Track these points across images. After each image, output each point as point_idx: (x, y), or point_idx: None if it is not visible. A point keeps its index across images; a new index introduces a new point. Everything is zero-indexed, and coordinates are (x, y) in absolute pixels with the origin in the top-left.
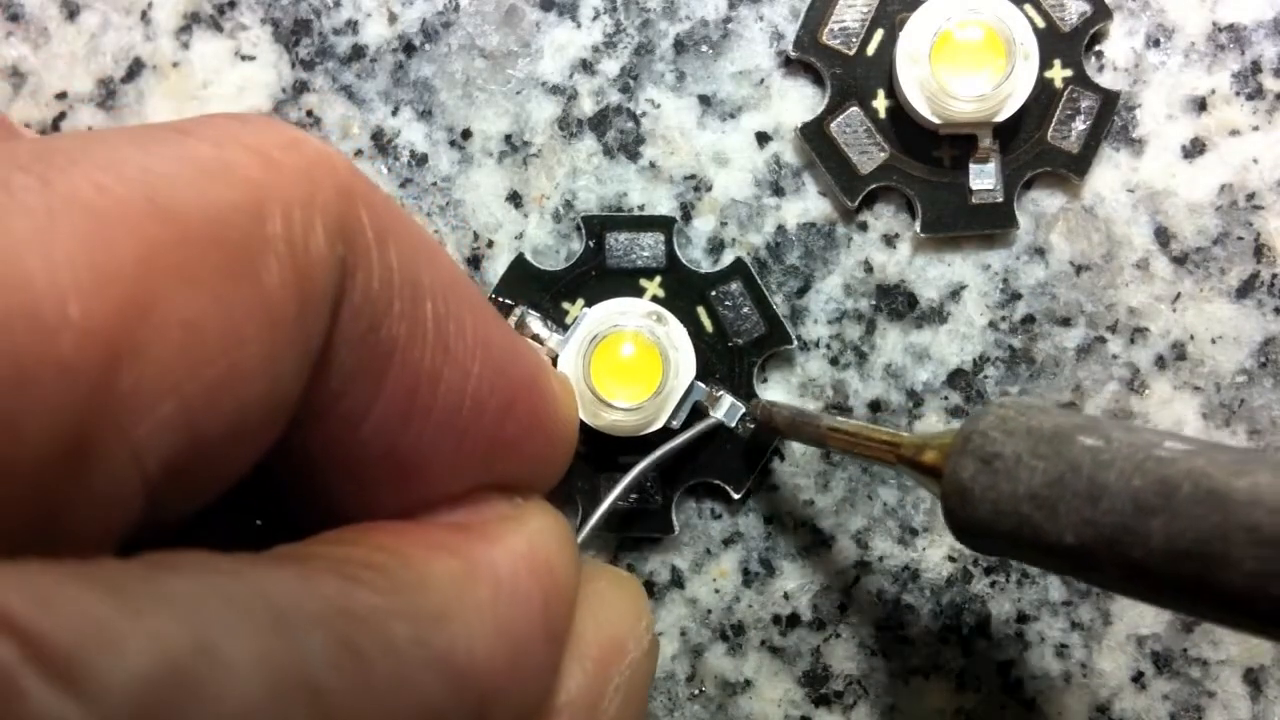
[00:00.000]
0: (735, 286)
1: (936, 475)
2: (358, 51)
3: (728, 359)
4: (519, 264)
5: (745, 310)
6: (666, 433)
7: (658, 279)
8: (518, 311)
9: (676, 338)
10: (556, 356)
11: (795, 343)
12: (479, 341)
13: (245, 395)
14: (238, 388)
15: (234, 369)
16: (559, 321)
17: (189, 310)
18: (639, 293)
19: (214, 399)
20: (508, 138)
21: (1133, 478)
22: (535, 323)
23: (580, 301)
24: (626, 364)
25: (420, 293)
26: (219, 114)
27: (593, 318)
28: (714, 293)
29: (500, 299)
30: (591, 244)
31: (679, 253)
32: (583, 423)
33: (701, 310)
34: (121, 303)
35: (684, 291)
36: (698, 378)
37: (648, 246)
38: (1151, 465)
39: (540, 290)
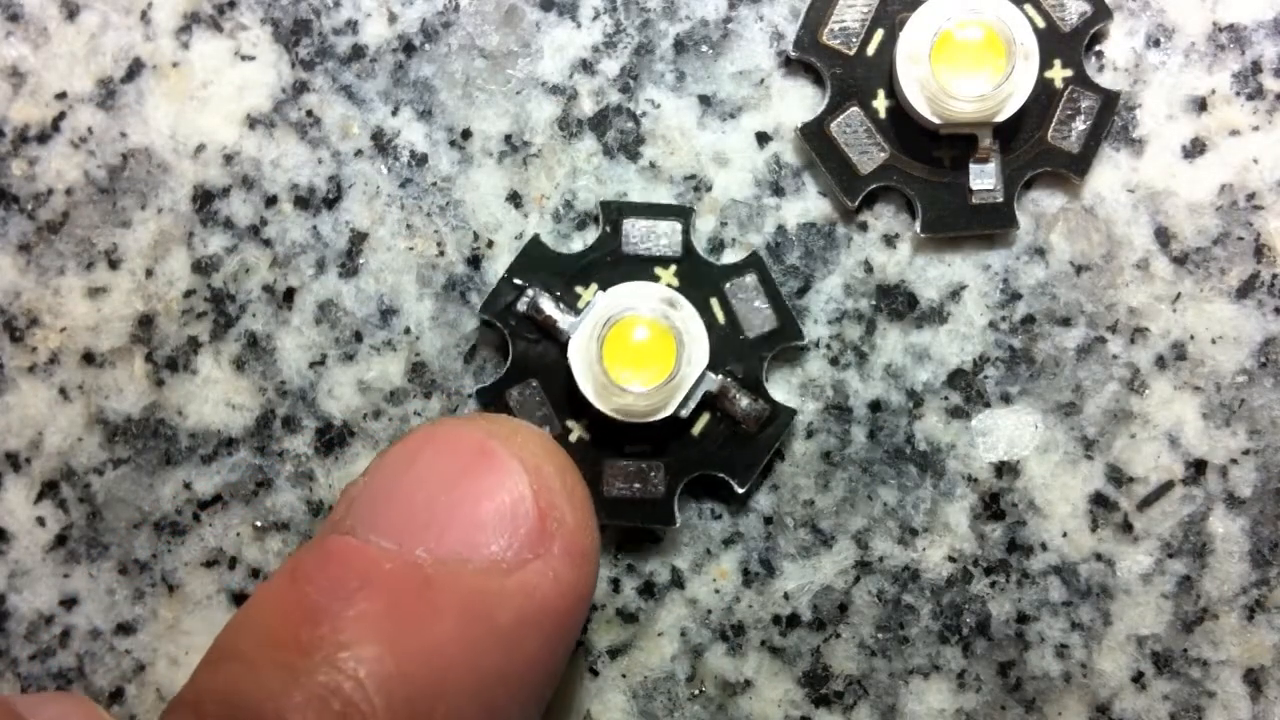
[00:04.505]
0: (750, 279)
1: None
2: (358, 51)
3: (738, 351)
4: (535, 245)
5: (758, 304)
6: (675, 420)
7: (673, 268)
8: (530, 292)
9: (691, 325)
10: (569, 339)
11: (805, 339)
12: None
13: None
14: None
15: None
16: (571, 305)
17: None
18: (653, 280)
19: None
20: (508, 138)
21: None
22: (548, 304)
23: (594, 286)
24: (639, 348)
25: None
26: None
27: (607, 301)
28: (728, 285)
29: (512, 279)
30: (608, 229)
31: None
32: (590, 406)
33: (715, 302)
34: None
35: (698, 282)
36: (708, 368)
37: (664, 235)
38: None
39: (554, 274)
